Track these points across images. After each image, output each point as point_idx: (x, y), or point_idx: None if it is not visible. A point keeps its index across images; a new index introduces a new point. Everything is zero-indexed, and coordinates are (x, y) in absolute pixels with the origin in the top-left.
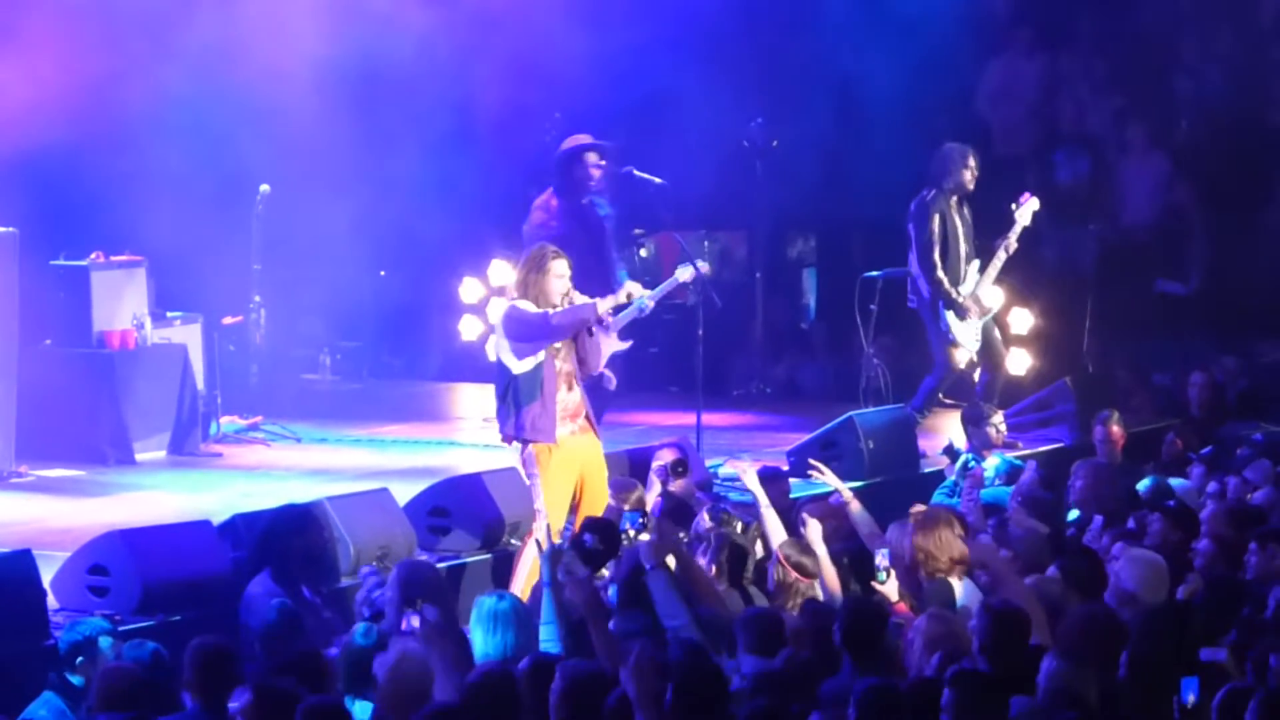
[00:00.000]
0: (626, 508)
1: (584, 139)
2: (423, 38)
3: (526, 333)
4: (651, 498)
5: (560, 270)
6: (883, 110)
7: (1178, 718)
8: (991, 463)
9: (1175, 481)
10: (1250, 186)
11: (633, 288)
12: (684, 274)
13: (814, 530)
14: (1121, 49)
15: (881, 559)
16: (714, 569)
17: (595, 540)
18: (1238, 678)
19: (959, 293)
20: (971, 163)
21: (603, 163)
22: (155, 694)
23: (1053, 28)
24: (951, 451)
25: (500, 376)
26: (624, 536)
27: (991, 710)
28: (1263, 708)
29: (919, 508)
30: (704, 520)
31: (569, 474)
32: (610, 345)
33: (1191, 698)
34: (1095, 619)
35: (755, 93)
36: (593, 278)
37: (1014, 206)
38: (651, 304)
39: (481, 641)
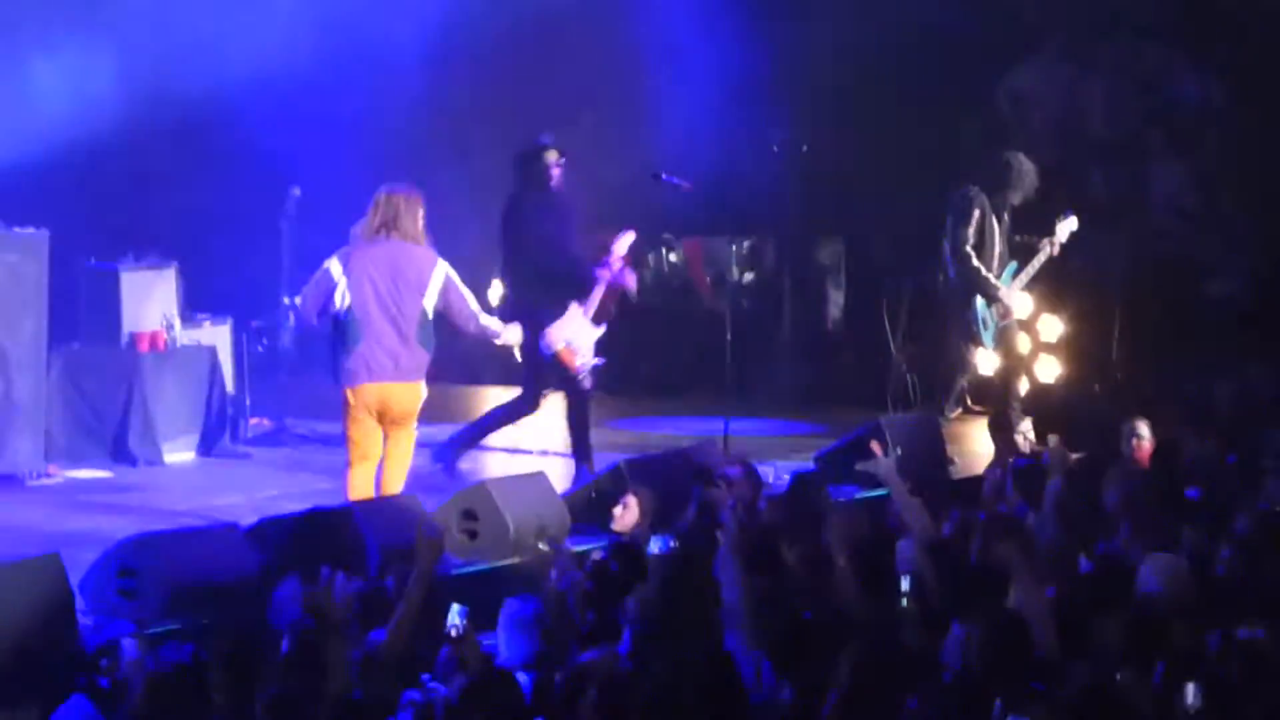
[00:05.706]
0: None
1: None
2: (453, 40)
3: None
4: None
5: None
6: (911, 114)
7: None
8: None
9: None
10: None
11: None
12: None
13: None
14: (1151, 54)
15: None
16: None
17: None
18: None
19: (996, 282)
20: (1028, 182)
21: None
22: (188, 696)
23: (1082, 33)
24: None
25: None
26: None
27: None
28: None
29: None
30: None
31: None
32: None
33: None
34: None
35: (783, 95)
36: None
37: (1058, 219)
38: None
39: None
